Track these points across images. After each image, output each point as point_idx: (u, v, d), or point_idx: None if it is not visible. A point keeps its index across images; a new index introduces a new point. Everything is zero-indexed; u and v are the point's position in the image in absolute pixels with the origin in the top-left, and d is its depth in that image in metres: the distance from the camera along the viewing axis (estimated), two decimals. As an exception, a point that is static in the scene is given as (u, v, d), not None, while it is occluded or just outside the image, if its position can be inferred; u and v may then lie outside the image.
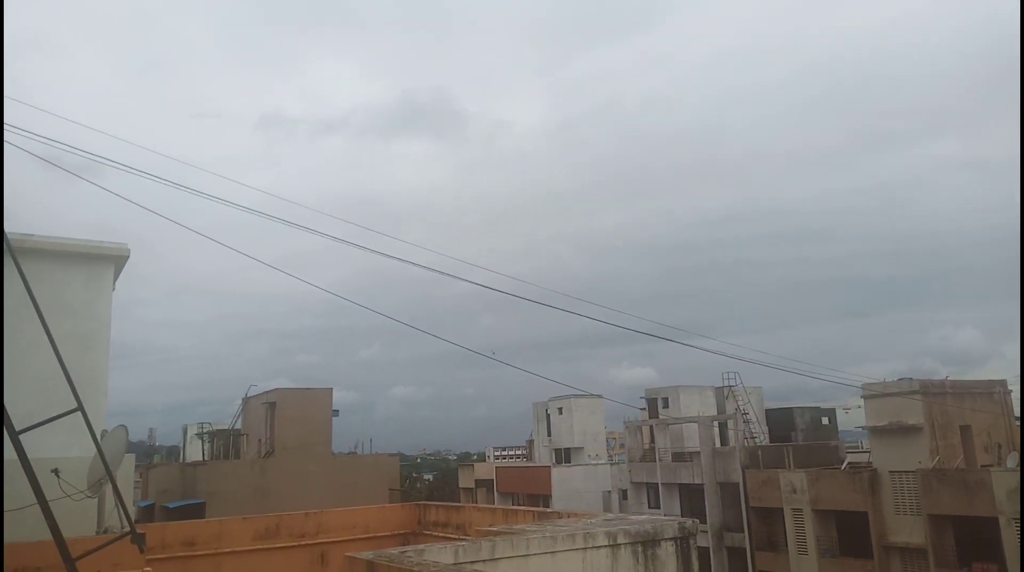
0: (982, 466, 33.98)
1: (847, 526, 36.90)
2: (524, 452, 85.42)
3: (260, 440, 35.61)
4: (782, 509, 38.83)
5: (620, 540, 8.14)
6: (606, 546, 8.03)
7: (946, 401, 35.50)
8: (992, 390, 37.14)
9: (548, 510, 13.73)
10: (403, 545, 10.51)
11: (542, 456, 65.62)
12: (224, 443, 39.45)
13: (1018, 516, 29.25)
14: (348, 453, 40.41)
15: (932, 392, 35.43)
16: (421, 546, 7.38)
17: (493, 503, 51.74)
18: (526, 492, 54.24)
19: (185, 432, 57.23)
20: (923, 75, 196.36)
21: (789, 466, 40.06)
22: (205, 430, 43.50)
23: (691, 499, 44.08)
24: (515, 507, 13.45)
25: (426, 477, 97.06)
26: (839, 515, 37.21)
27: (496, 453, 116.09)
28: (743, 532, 40.89)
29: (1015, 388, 37.26)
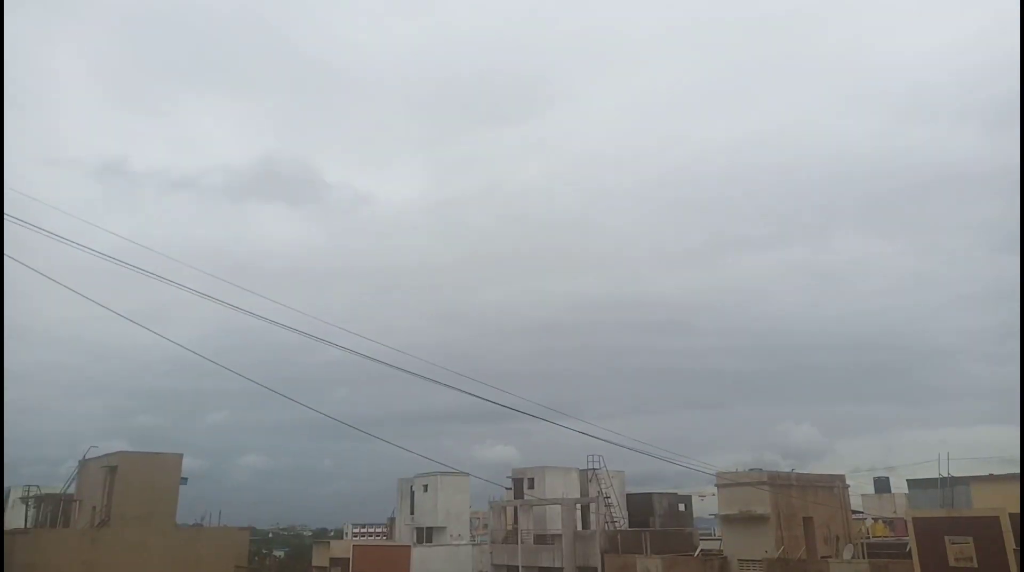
0: (822, 557, 35.90)
1: (698, 614, 37.67)
2: (384, 530, 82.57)
3: (95, 507, 32.71)
4: (638, 595, 39.22)
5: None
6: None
7: (791, 493, 37.55)
8: (833, 484, 39.67)
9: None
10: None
11: (403, 535, 63.66)
12: (53, 509, 35.94)
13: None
14: (193, 525, 37.70)
15: (779, 483, 37.42)
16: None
17: (347, 583, 49.41)
18: (383, 573, 52.15)
19: (6, 495, 51.73)
20: (775, 187, 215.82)
21: (646, 552, 40.79)
22: (32, 494, 39.51)
23: (550, 583, 43.75)
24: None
25: (277, 554, 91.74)
26: (691, 602, 37.98)
27: (355, 530, 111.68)
28: (599, 618, 40.88)
29: (853, 483, 40.00)
